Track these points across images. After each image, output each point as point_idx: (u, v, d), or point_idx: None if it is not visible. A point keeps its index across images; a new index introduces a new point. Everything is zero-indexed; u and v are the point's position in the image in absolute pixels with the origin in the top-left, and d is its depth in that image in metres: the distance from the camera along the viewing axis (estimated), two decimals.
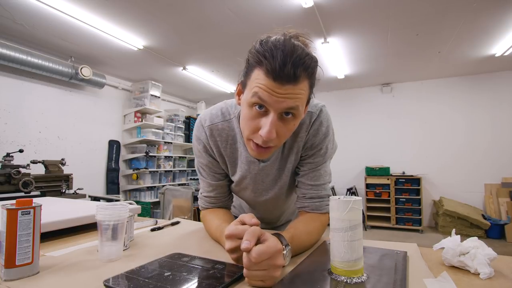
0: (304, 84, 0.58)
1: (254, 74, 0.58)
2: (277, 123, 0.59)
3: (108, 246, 0.60)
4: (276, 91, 0.55)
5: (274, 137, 0.59)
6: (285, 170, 0.79)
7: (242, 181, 0.82)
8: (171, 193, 3.59)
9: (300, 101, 0.59)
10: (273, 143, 0.62)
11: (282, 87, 0.55)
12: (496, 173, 4.53)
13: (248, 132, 0.63)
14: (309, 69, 0.57)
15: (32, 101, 3.52)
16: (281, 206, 0.93)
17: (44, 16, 2.74)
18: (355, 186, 5.33)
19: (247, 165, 0.78)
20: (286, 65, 0.54)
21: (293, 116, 0.60)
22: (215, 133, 0.77)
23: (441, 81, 4.95)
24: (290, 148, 0.77)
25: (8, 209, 0.50)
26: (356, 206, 0.50)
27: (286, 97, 0.56)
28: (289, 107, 0.58)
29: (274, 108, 0.57)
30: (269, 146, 0.62)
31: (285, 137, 0.63)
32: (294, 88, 0.56)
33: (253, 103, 0.59)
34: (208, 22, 2.93)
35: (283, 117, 0.60)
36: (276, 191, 0.82)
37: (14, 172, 2.55)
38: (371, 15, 2.83)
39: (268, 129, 0.57)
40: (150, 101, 4.70)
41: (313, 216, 0.74)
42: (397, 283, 0.47)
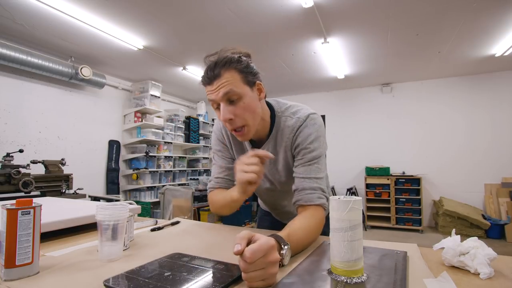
0: (228, 74, 0.76)
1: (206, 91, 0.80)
2: (228, 108, 0.76)
3: (108, 246, 0.60)
4: (211, 90, 0.77)
5: (229, 117, 0.76)
6: (278, 163, 0.91)
7: None
8: (171, 193, 3.60)
9: (231, 85, 0.75)
10: (238, 123, 0.78)
11: (213, 85, 0.76)
12: (496, 173, 4.53)
13: (227, 127, 0.81)
14: (225, 64, 0.76)
15: (32, 101, 3.52)
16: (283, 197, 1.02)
17: (44, 16, 2.74)
18: (355, 186, 5.33)
19: (245, 149, 0.94)
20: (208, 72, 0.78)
21: (239, 98, 0.76)
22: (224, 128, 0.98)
23: (441, 81, 4.95)
24: (280, 146, 0.90)
25: (8, 209, 0.50)
26: (356, 206, 0.50)
27: (218, 89, 0.75)
28: (225, 93, 0.75)
29: (218, 100, 0.76)
30: (238, 127, 0.79)
31: (245, 114, 0.78)
32: (220, 81, 0.75)
33: (212, 106, 0.81)
34: (208, 22, 2.93)
35: (231, 103, 0.77)
36: (273, 180, 0.95)
37: (14, 172, 2.55)
38: (371, 15, 2.83)
39: (222, 114, 0.77)
40: (150, 101, 4.70)
41: (308, 212, 0.77)
42: (397, 283, 0.47)
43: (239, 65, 0.77)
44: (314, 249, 0.68)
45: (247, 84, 0.78)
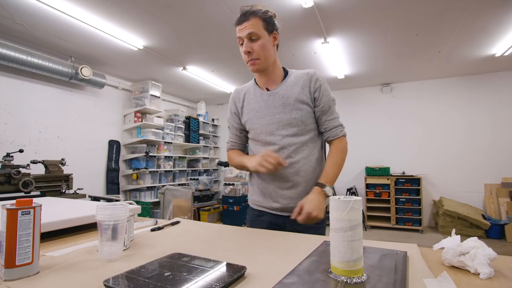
0: (254, 19, 1.02)
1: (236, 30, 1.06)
2: (249, 44, 1.03)
3: (108, 246, 0.60)
4: (239, 29, 1.04)
5: (249, 50, 1.03)
6: (290, 99, 1.09)
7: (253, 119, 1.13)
8: (171, 193, 3.60)
9: (254, 28, 1.01)
10: (254, 56, 1.03)
11: (241, 25, 1.03)
12: (496, 173, 4.53)
13: (244, 59, 1.07)
14: (253, 13, 1.02)
15: (32, 101, 3.52)
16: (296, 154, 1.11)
17: (44, 16, 2.74)
18: (355, 186, 5.33)
19: (260, 95, 1.14)
20: (240, 16, 1.04)
21: (258, 38, 1.03)
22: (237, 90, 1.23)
23: (441, 81, 4.95)
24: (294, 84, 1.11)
25: (8, 209, 0.50)
26: (356, 206, 0.50)
27: (244, 28, 1.02)
28: (249, 33, 1.02)
29: (243, 37, 1.03)
30: (253, 59, 1.04)
31: (260, 51, 1.03)
32: (247, 23, 1.02)
33: (238, 42, 1.06)
34: (208, 22, 2.93)
35: (252, 40, 1.03)
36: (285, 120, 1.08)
37: (14, 172, 2.55)
38: (371, 15, 2.83)
39: (244, 47, 1.03)
40: (150, 101, 4.70)
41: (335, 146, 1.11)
42: (397, 283, 0.47)
43: (263, 15, 1.03)
44: (314, 249, 0.68)
45: (266, 30, 1.04)
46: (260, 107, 1.12)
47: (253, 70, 1.07)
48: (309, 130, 1.10)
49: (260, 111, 1.12)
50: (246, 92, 1.19)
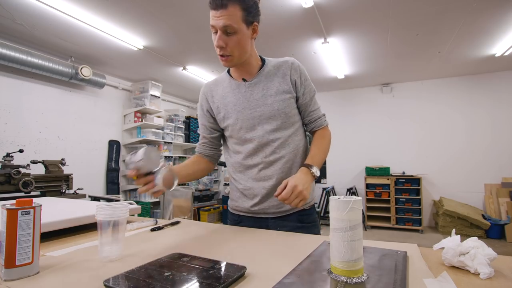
0: (234, 8, 0.85)
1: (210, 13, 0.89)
2: (222, 37, 0.87)
3: (108, 246, 0.60)
4: (214, 16, 0.87)
5: (221, 45, 0.87)
6: (271, 90, 0.99)
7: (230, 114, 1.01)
8: (171, 193, 3.59)
9: (232, 20, 0.85)
10: (227, 51, 0.89)
11: (217, 12, 0.86)
12: (496, 173, 4.53)
13: (217, 52, 0.91)
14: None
15: (32, 101, 3.52)
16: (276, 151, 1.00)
17: (44, 16, 2.74)
18: (355, 186, 5.33)
19: (236, 88, 1.02)
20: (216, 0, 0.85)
21: (234, 33, 0.87)
22: (207, 85, 1.10)
23: (441, 81, 4.95)
24: (273, 74, 1.01)
25: (8, 209, 0.50)
26: (356, 206, 0.50)
27: (221, 18, 0.85)
28: (224, 25, 0.85)
29: (218, 27, 0.87)
30: (226, 55, 0.90)
31: (234, 47, 0.89)
32: (225, 12, 0.84)
33: (212, 30, 0.90)
34: (208, 22, 2.91)
35: (227, 34, 0.87)
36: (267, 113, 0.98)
37: (14, 172, 2.55)
38: (371, 15, 2.83)
39: (216, 40, 0.88)
40: (150, 101, 4.70)
41: (319, 134, 1.06)
42: (397, 283, 0.47)
43: (243, 4, 0.87)
44: (314, 249, 0.68)
45: (244, 22, 0.88)
46: (238, 100, 1.00)
47: (225, 65, 0.95)
48: (293, 122, 1.01)
49: (239, 104, 1.00)
50: (220, 86, 1.06)
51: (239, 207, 1.06)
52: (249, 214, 1.04)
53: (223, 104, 1.03)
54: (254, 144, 0.99)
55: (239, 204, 1.06)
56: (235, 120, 1.00)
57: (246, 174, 1.03)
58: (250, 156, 1.01)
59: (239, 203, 1.06)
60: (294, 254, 0.65)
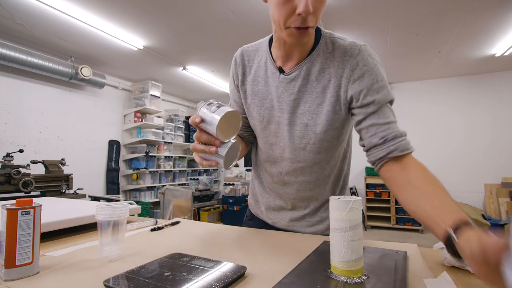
0: None
1: None
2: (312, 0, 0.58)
3: (108, 246, 0.60)
4: None
5: (312, 11, 0.58)
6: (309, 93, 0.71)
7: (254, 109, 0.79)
8: (171, 193, 3.59)
9: None
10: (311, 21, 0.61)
11: None
12: (496, 173, 4.53)
13: (284, 18, 0.61)
14: None
15: (32, 101, 3.52)
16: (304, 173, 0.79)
17: (44, 16, 2.74)
18: (355, 186, 5.33)
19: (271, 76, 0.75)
20: None
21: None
22: (244, 54, 0.83)
23: (441, 81, 4.95)
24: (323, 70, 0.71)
25: (8, 209, 0.50)
26: (356, 206, 0.50)
27: None
28: None
29: None
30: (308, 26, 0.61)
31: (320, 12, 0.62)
32: None
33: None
34: (208, 22, 2.93)
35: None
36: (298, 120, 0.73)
37: (14, 172, 2.55)
38: (371, 15, 2.83)
39: (304, 2, 0.57)
40: (150, 101, 4.70)
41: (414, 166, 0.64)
42: (397, 283, 0.47)
43: None
44: (314, 249, 0.68)
45: None
46: (267, 96, 0.76)
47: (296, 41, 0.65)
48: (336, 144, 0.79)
49: (267, 102, 0.76)
50: (256, 59, 0.80)
51: (253, 208, 1.00)
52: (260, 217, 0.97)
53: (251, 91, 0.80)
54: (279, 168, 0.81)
55: (252, 206, 0.99)
56: (256, 126, 0.80)
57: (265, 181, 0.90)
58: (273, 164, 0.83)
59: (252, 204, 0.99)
60: (294, 254, 0.65)
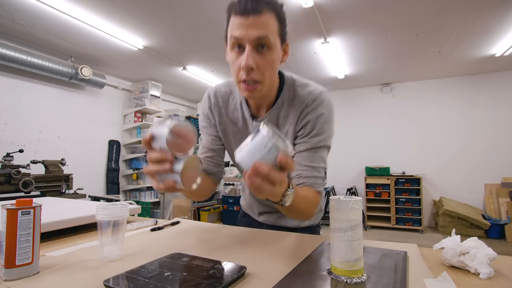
0: (269, 15, 0.64)
1: (229, 23, 0.67)
2: (254, 55, 0.64)
3: (108, 246, 0.60)
4: (243, 24, 0.63)
5: (252, 65, 0.63)
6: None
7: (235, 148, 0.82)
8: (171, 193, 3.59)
9: (268, 30, 0.64)
10: (256, 76, 0.65)
11: (248, 19, 0.62)
12: (496, 173, 4.53)
13: (235, 74, 0.68)
14: (270, 3, 0.64)
15: (32, 101, 3.52)
16: None
17: (44, 16, 2.74)
18: (355, 186, 5.33)
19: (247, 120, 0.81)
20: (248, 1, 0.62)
21: (268, 48, 0.65)
22: (218, 95, 0.85)
23: (441, 81, 4.95)
24: (285, 116, 0.78)
25: (8, 209, 0.50)
26: (356, 206, 0.50)
27: (254, 27, 0.62)
28: (259, 36, 0.63)
29: (246, 40, 0.63)
30: (255, 82, 0.66)
31: (266, 70, 0.66)
32: (259, 19, 0.63)
33: (232, 44, 0.66)
34: (208, 22, 2.93)
35: (259, 50, 0.65)
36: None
37: (14, 172, 2.55)
38: (371, 15, 2.83)
39: (245, 58, 0.63)
40: (150, 101, 4.70)
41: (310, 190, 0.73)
42: (397, 283, 0.47)
43: (279, 13, 0.67)
44: (314, 249, 0.68)
45: (280, 37, 0.68)
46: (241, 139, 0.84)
47: (248, 96, 0.71)
48: None
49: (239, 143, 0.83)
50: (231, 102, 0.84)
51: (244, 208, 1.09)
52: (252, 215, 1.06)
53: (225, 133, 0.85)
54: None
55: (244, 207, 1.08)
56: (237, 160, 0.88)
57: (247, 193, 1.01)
58: None
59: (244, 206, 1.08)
60: (294, 254, 0.65)
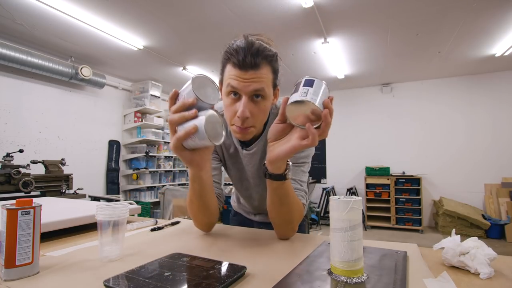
0: (266, 69, 0.70)
1: (226, 70, 0.72)
2: (249, 105, 0.70)
3: (108, 246, 0.60)
4: (242, 78, 0.68)
5: (248, 115, 0.69)
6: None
7: (232, 169, 0.94)
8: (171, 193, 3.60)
9: (264, 83, 0.70)
10: (250, 122, 0.72)
11: (246, 73, 0.68)
12: (496, 173, 4.53)
13: (229, 118, 0.74)
14: (267, 58, 0.70)
15: (32, 101, 3.52)
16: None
17: (44, 16, 2.74)
18: (355, 186, 5.33)
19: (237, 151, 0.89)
20: (247, 56, 0.67)
21: (262, 98, 0.71)
22: None
23: (441, 81, 4.95)
24: None
25: (8, 209, 0.50)
26: (356, 206, 0.50)
27: (251, 81, 0.68)
28: (256, 89, 0.69)
29: (244, 92, 0.69)
30: (248, 126, 0.72)
31: (259, 117, 0.73)
32: (256, 73, 0.68)
33: (228, 92, 0.71)
34: (208, 22, 2.93)
35: (254, 100, 0.71)
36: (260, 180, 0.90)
37: (14, 172, 2.55)
38: (371, 15, 2.83)
39: (242, 109, 0.68)
40: (150, 101, 4.70)
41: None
42: (397, 283, 0.47)
43: (276, 64, 0.74)
44: (314, 249, 0.68)
45: (273, 86, 0.74)
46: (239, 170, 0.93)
47: (241, 138, 0.77)
48: None
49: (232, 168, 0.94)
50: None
51: (235, 207, 1.19)
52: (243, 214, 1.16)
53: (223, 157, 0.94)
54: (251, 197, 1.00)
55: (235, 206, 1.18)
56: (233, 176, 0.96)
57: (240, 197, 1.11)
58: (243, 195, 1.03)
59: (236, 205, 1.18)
60: (294, 254, 0.65)
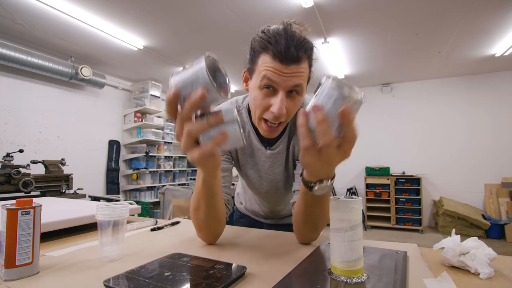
0: (305, 64, 0.66)
1: (260, 59, 0.66)
2: (286, 101, 0.65)
3: (108, 246, 0.60)
4: (283, 72, 0.63)
5: (285, 112, 0.65)
6: (289, 163, 0.85)
7: (249, 170, 0.89)
8: (171, 193, 3.59)
9: (303, 78, 0.66)
10: (283, 118, 0.67)
11: (287, 67, 0.62)
12: (496, 173, 4.53)
13: (260, 112, 0.69)
14: (308, 51, 0.66)
15: (32, 101, 3.52)
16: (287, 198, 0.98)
17: (44, 16, 2.74)
18: (355, 186, 5.33)
19: (256, 151, 0.85)
20: (290, 48, 0.61)
21: (298, 94, 0.67)
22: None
23: (441, 81, 4.95)
24: (292, 144, 0.83)
25: (8, 209, 0.50)
26: (356, 206, 0.50)
27: (292, 75, 0.63)
28: (295, 85, 0.64)
29: (282, 87, 0.64)
30: (280, 122, 0.68)
31: (293, 112, 0.69)
32: (297, 68, 0.63)
33: (263, 85, 0.65)
34: (208, 22, 2.93)
35: (290, 95, 0.66)
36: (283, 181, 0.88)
37: (14, 172, 2.55)
38: (371, 15, 2.83)
39: (279, 105, 0.64)
40: (150, 101, 4.70)
41: None
42: (397, 283, 0.47)
43: (311, 59, 0.69)
44: (314, 249, 0.68)
45: (308, 81, 0.70)
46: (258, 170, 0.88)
47: (267, 136, 0.73)
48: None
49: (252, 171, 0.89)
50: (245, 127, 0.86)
51: (243, 209, 1.15)
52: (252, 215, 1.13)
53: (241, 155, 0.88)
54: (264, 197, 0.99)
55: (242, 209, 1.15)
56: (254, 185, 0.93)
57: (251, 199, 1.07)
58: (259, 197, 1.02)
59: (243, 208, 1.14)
60: (294, 254, 0.65)
